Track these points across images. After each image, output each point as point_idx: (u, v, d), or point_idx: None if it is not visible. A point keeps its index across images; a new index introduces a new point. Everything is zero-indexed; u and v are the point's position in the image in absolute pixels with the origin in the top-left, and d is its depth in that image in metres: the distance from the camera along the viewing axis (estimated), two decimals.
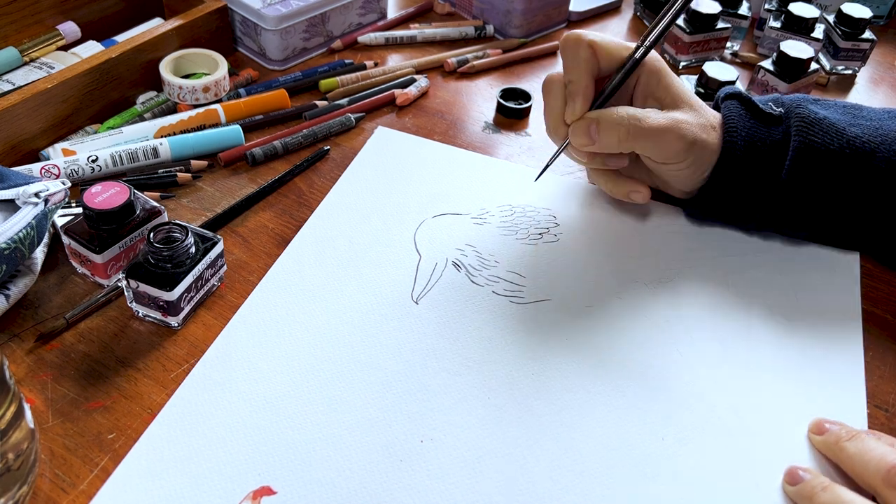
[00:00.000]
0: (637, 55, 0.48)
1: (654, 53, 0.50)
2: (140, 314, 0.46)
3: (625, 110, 0.48)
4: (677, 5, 0.48)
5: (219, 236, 0.46)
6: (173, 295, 0.43)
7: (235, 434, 0.40)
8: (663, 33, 0.48)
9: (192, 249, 0.44)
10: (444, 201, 0.55)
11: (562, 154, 0.53)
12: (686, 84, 0.52)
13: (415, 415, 0.41)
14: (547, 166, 0.54)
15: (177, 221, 0.45)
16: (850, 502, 0.38)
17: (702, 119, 0.50)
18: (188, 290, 0.44)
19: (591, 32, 0.49)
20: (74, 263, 0.48)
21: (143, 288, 0.43)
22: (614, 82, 0.49)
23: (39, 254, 0.47)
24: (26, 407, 0.37)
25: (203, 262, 0.45)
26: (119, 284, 0.47)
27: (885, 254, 0.53)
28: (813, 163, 0.49)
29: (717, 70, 0.63)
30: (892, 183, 0.49)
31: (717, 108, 0.53)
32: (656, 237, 0.54)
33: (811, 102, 0.52)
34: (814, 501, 0.38)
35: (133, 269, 0.43)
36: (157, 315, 0.45)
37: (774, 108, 0.51)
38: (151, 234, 0.43)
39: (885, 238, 0.52)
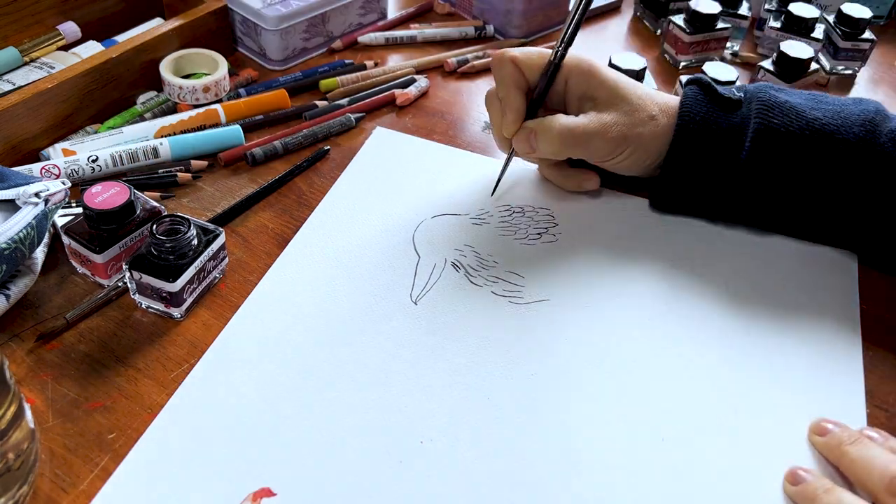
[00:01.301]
0: (554, 59, 0.51)
1: (581, 55, 0.52)
2: (143, 305, 0.46)
3: (557, 120, 0.51)
4: (581, 8, 0.50)
5: (220, 228, 0.47)
6: (176, 286, 0.43)
7: (235, 435, 0.40)
8: (573, 34, 0.50)
9: (195, 241, 0.45)
10: (442, 202, 0.55)
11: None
12: (622, 79, 0.52)
13: (414, 415, 0.41)
14: (499, 180, 0.56)
15: (179, 214, 0.45)
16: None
17: (637, 114, 0.51)
18: (190, 281, 0.45)
19: (514, 49, 0.52)
20: (74, 263, 0.48)
21: (147, 279, 0.44)
22: (539, 89, 0.52)
23: (39, 254, 0.47)
24: (26, 407, 0.37)
25: (205, 253, 0.45)
26: (119, 284, 0.47)
27: (851, 242, 0.52)
28: (773, 144, 0.49)
29: (717, 70, 0.63)
30: (853, 165, 0.49)
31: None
32: (655, 237, 0.54)
33: (773, 89, 0.52)
34: (816, 503, 0.38)
35: (136, 261, 0.44)
36: (159, 306, 0.45)
37: (735, 93, 0.52)
38: (154, 226, 0.43)
39: (848, 226, 0.51)
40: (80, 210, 0.46)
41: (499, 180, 0.56)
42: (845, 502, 0.38)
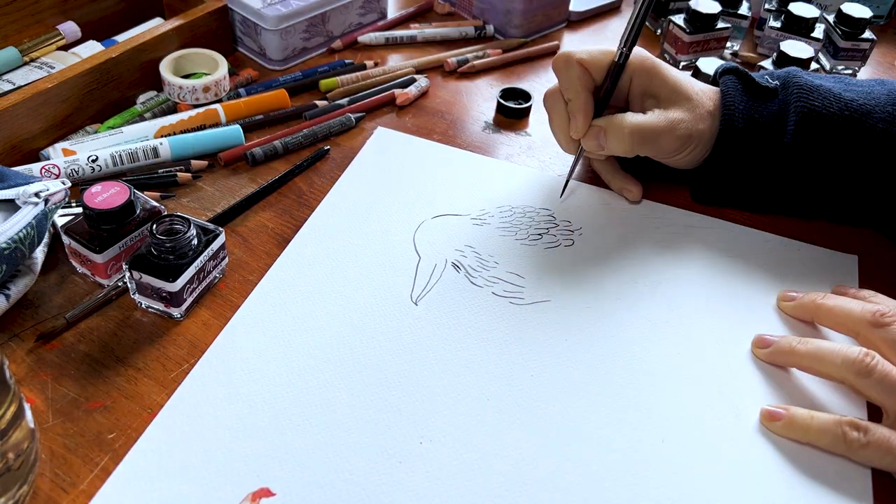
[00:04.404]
0: (619, 60, 0.51)
1: (644, 53, 0.52)
2: (143, 305, 0.46)
3: (627, 119, 0.51)
4: (643, 6, 0.50)
5: (220, 228, 0.47)
6: (176, 286, 0.43)
7: (235, 435, 0.40)
8: (636, 35, 0.51)
9: (195, 241, 0.45)
10: (443, 202, 0.55)
11: (566, 157, 0.54)
12: (682, 76, 0.53)
13: (414, 416, 0.41)
14: (567, 181, 0.56)
15: (179, 214, 0.45)
16: (829, 347, 0.41)
17: (697, 110, 0.52)
18: (190, 281, 0.45)
19: (578, 50, 0.52)
20: (74, 263, 0.48)
21: (146, 279, 0.44)
22: (605, 88, 0.52)
23: (39, 254, 0.47)
24: (26, 407, 0.37)
25: (205, 253, 0.45)
26: (119, 284, 0.47)
27: (890, 226, 0.53)
28: (815, 126, 0.50)
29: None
30: (890, 142, 0.50)
31: (715, 82, 0.55)
32: (656, 238, 0.54)
33: (803, 73, 0.53)
34: (794, 352, 0.41)
35: (136, 261, 0.44)
36: (159, 306, 0.45)
37: (770, 80, 0.53)
38: (154, 226, 0.43)
39: (887, 208, 0.52)
40: (80, 210, 0.46)
41: (566, 183, 0.56)
42: (822, 347, 0.41)
